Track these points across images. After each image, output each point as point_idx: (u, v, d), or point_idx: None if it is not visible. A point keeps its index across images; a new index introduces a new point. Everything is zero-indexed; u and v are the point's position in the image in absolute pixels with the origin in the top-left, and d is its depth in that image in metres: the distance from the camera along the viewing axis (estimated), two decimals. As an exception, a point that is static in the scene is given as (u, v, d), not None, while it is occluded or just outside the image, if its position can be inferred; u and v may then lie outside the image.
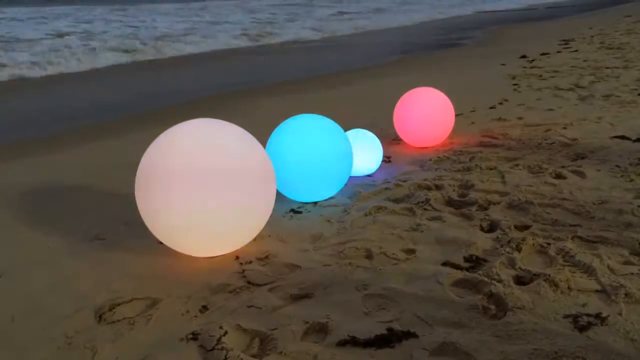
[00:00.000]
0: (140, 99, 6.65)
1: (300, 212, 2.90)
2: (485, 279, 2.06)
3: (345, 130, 3.22)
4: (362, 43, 12.12)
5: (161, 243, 2.43)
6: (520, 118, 4.57)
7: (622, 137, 3.82)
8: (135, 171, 2.35)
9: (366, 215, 2.79)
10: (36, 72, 8.18)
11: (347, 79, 7.34)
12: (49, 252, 2.55)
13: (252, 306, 1.99)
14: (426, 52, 10.17)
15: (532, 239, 2.35)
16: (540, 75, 6.47)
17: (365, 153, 3.35)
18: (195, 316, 1.96)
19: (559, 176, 3.17)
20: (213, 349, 1.75)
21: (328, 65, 9.01)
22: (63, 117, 5.80)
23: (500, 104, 5.17)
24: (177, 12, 19.56)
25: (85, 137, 4.81)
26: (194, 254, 2.40)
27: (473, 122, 4.54)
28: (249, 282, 2.17)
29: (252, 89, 6.97)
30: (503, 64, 7.48)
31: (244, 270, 2.26)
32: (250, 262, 2.34)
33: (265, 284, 2.15)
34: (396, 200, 2.97)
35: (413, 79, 6.11)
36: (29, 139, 4.85)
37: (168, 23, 16.07)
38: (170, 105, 6.12)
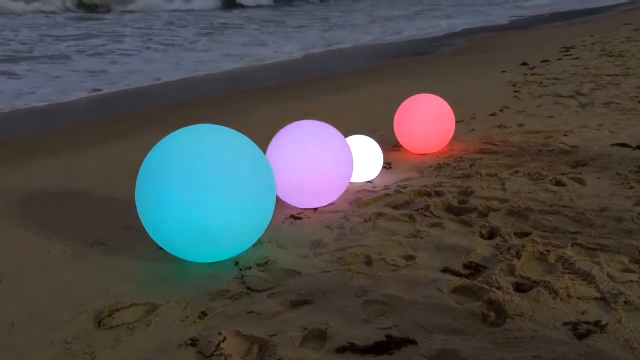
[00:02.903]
0: (140, 102, 6.67)
1: (300, 218, 2.90)
2: (485, 286, 2.06)
3: (346, 136, 3.22)
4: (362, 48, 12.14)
5: (161, 249, 2.44)
6: (520, 125, 4.58)
7: (623, 145, 3.82)
8: (136, 177, 2.35)
9: (366, 221, 2.79)
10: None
11: (347, 84, 7.35)
12: (49, 257, 2.55)
13: (251, 312, 1.99)
14: (423, 58, 10.19)
15: (532, 247, 2.35)
16: (541, 83, 6.48)
17: (365, 159, 3.36)
18: (195, 322, 1.96)
19: (559, 183, 3.17)
20: (212, 355, 1.75)
21: (327, 69, 9.04)
22: (65, 121, 5.82)
23: (501, 111, 5.17)
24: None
25: (86, 142, 4.82)
26: (193, 260, 2.40)
27: (473, 129, 4.55)
28: (248, 288, 2.18)
29: (253, 94, 6.98)
30: (504, 71, 7.49)
31: (243, 276, 2.27)
32: (250, 268, 2.34)
33: (265, 290, 2.15)
34: (396, 207, 2.98)
35: (413, 86, 6.13)
36: (30, 144, 4.86)
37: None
38: (171, 110, 6.14)
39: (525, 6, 23.67)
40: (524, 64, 8.11)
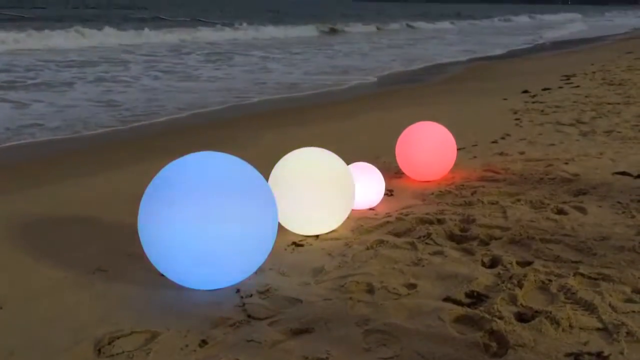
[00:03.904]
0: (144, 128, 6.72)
1: (302, 245, 2.90)
2: (487, 315, 2.05)
3: (348, 163, 3.24)
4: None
5: (163, 275, 2.44)
6: (522, 153, 4.60)
7: (624, 173, 3.83)
8: (139, 203, 2.37)
9: (368, 249, 2.79)
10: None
11: (349, 111, 7.41)
12: (49, 284, 2.55)
13: (251, 340, 1.98)
14: (424, 85, 10.29)
15: (534, 275, 2.35)
16: (542, 110, 6.53)
17: (367, 186, 3.37)
18: (194, 350, 1.95)
19: (560, 212, 3.17)
20: (212, 384, 1.74)
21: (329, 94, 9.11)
22: (68, 147, 5.86)
23: (502, 138, 5.20)
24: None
25: (88, 168, 4.85)
26: (195, 287, 2.40)
27: (475, 157, 4.57)
28: (249, 316, 2.17)
29: (256, 120, 7.04)
30: (505, 99, 7.55)
31: (244, 304, 2.26)
32: (251, 295, 2.34)
33: (266, 318, 2.15)
34: (398, 234, 2.98)
35: (415, 113, 6.17)
36: (33, 171, 4.88)
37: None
38: (173, 136, 6.19)
39: (546, 35, 24.18)
40: (525, 91, 8.17)
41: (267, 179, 2.72)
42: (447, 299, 2.22)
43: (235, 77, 11.48)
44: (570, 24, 34.79)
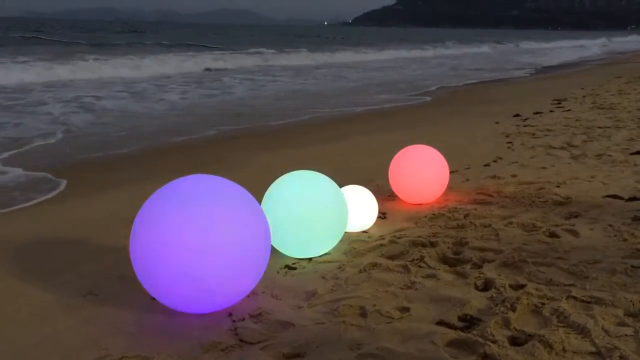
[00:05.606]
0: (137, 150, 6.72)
1: (294, 268, 2.89)
2: (480, 339, 2.04)
3: (341, 186, 3.25)
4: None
5: (154, 299, 2.42)
6: (514, 176, 4.63)
7: (615, 197, 3.86)
8: (131, 225, 2.36)
9: (361, 271, 2.78)
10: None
11: (342, 133, 7.44)
12: (39, 307, 2.52)
13: (243, 365, 1.96)
14: (417, 109, 10.37)
15: (527, 299, 2.34)
16: (534, 134, 6.58)
17: (360, 209, 3.37)
18: (186, 375, 1.93)
19: (552, 235, 3.18)
20: (202, 410, 1.71)
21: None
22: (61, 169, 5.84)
23: (495, 161, 5.23)
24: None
25: (80, 189, 4.83)
26: (186, 311, 2.38)
27: (468, 179, 4.59)
28: (241, 340, 2.15)
29: (249, 143, 7.06)
30: (497, 122, 7.61)
31: (236, 328, 2.24)
32: (243, 319, 2.32)
33: (258, 342, 2.13)
34: (391, 257, 2.97)
35: (407, 136, 6.21)
36: (27, 191, 4.86)
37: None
38: (166, 157, 6.18)
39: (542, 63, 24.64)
40: (517, 115, 8.25)
41: (260, 201, 2.72)
42: (440, 323, 2.22)
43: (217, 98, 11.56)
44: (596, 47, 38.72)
